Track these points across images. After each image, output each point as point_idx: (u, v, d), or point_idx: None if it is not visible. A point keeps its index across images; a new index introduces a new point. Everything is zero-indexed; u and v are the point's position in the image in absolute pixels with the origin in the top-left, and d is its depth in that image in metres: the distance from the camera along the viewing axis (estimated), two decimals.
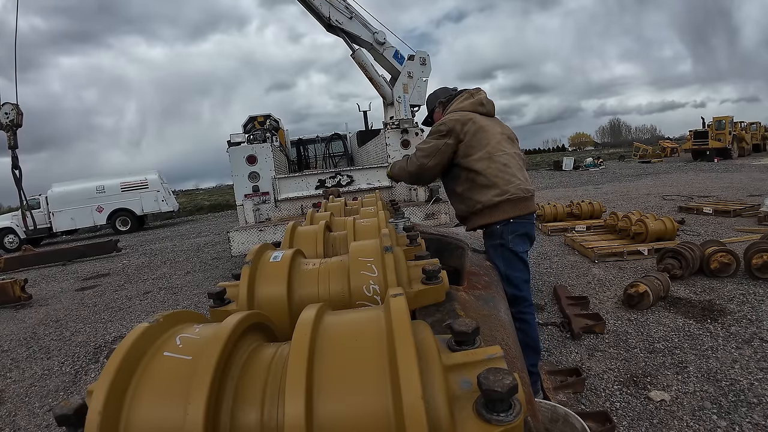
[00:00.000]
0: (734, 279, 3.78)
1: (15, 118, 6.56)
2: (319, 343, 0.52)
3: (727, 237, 5.27)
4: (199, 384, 0.47)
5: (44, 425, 2.67)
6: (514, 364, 1.03)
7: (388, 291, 0.62)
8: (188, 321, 0.65)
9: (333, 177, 5.37)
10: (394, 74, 6.87)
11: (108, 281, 7.04)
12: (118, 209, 15.77)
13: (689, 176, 14.36)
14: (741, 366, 2.42)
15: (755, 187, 9.91)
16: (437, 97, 2.59)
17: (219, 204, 24.80)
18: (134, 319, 4.72)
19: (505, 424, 0.43)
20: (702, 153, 21.69)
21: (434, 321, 0.91)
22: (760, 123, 24.78)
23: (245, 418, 0.50)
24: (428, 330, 0.54)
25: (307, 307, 0.60)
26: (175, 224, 18.11)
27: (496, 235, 2.18)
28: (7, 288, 5.83)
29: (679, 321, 3.09)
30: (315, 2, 6.16)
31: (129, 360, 0.51)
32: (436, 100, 2.59)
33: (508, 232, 2.16)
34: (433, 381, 0.46)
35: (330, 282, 0.97)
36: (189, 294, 5.51)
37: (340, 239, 1.44)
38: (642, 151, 32.03)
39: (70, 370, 3.48)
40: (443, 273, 0.99)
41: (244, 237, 4.78)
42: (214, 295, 0.94)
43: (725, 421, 1.99)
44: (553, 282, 4.29)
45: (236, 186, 5.21)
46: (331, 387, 0.47)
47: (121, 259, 9.33)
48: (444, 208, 5.01)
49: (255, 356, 0.57)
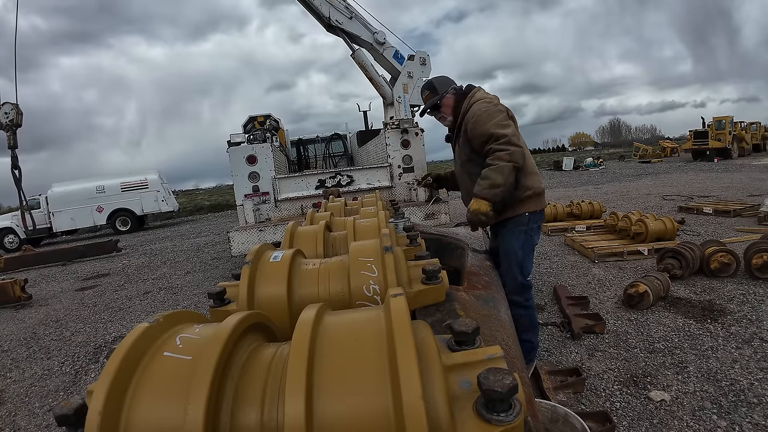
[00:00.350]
0: (734, 279, 3.78)
1: (15, 117, 6.56)
2: (319, 343, 0.52)
3: (727, 237, 5.27)
4: (199, 384, 0.47)
5: (44, 425, 2.67)
6: (514, 364, 1.03)
7: (388, 291, 0.62)
8: (188, 321, 0.66)
9: (333, 177, 5.37)
10: (394, 74, 6.87)
11: (108, 281, 7.03)
12: (118, 209, 15.76)
13: (689, 176, 14.36)
14: (741, 366, 2.42)
15: (755, 187, 9.91)
16: (449, 84, 2.41)
17: (219, 204, 24.80)
18: (134, 319, 4.72)
19: (505, 424, 0.43)
20: (702, 153, 21.68)
21: (434, 321, 0.92)
22: (760, 123, 24.78)
23: (245, 418, 0.50)
24: (428, 330, 0.54)
25: (307, 307, 0.60)
26: (175, 224, 18.11)
27: (522, 222, 2.24)
28: (7, 288, 5.83)
29: (679, 321, 3.09)
30: (315, 2, 6.17)
31: (129, 360, 0.51)
32: (448, 86, 2.40)
33: (534, 221, 2.27)
34: (433, 381, 0.46)
35: (330, 282, 0.97)
36: (189, 294, 5.51)
37: (340, 239, 1.44)
38: (642, 151, 32.02)
39: (70, 370, 3.48)
40: (443, 273, 0.99)
41: (244, 237, 4.78)
42: (214, 295, 0.94)
43: (725, 421, 1.99)
44: (553, 282, 4.29)
45: (236, 186, 5.21)
46: (331, 387, 0.47)
47: (121, 259, 9.32)
48: (444, 208, 5.01)
49: (255, 356, 0.57)
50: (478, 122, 2.14)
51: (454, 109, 2.37)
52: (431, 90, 2.42)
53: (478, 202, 2.07)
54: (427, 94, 2.43)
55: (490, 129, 2.09)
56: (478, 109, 2.18)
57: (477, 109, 2.19)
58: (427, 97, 2.44)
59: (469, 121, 2.21)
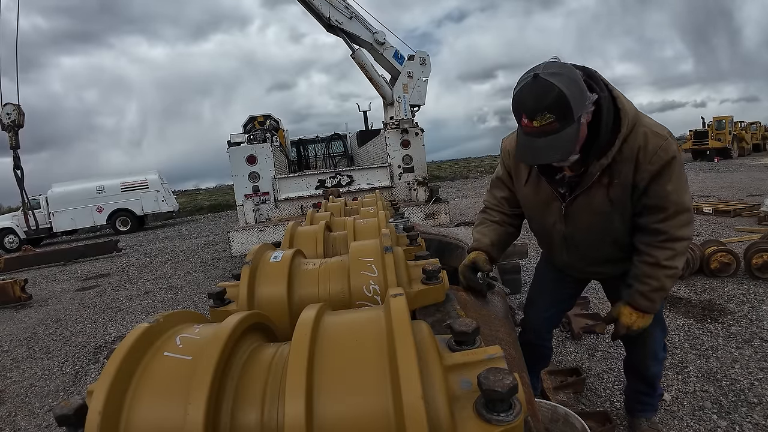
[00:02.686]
0: (734, 279, 3.78)
1: (16, 118, 6.57)
2: (319, 343, 0.52)
3: (727, 237, 5.26)
4: (199, 384, 0.47)
5: (44, 425, 2.67)
6: (513, 364, 1.03)
7: (388, 291, 0.62)
8: (188, 321, 0.66)
9: (333, 177, 5.37)
10: (394, 74, 6.87)
11: (108, 281, 7.03)
12: (118, 209, 15.76)
13: (689, 176, 14.24)
14: (741, 366, 2.42)
15: (755, 187, 9.90)
16: (582, 92, 1.20)
17: (219, 204, 24.79)
18: (134, 319, 4.72)
19: (506, 424, 0.43)
20: (702, 153, 21.67)
21: (434, 321, 0.91)
22: (760, 123, 24.77)
23: (245, 418, 0.50)
24: (428, 330, 0.54)
25: (308, 307, 0.60)
26: (175, 224, 18.10)
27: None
28: (7, 288, 5.83)
29: (679, 321, 3.09)
30: (315, 2, 6.17)
31: (129, 360, 0.51)
32: (585, 97, 1.21)
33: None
34: (433, 381, 0.46)
35: (330, 282, 0.97)
36: (189, 294, 5.51)
37: (340, 239, 1.44)
38: None
39: (71, 371, 3.48)
40: (443, 273, 0.99)
41: (244, 237, 4.78)
42: (214, 295, 0.94)
43: (725, 420, 1.99)
44: None
45: (236, 186, 5.22)
46: (331, 387, 0.47)
47: (121, 260, 9.32)
48: (444, 208, 5.01)
49: (255, 356, 0.57)
50: (679, 189, 1.33)
51: (589, 135, 1.29)
52: (562, 110, 1.16)
53: (644, 318, 1.43)
54: (551, 122, 1.17)
55: (688, 203, 1.36)
56: (672, 163, 1.30)
57: (668, 161, 1.30)
58: (549, 126, 1.18)
59: (652, 170, 1.30)
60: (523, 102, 1.20)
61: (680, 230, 1.35)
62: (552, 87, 1.14)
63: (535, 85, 1.17)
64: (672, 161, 1.30)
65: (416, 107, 6.97)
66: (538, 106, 1.17)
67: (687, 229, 1.37)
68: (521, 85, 1.21)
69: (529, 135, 1.23)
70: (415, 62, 6.86)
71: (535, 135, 1.21)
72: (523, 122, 1.22)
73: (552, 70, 1.18)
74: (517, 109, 1.23)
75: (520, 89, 1.21)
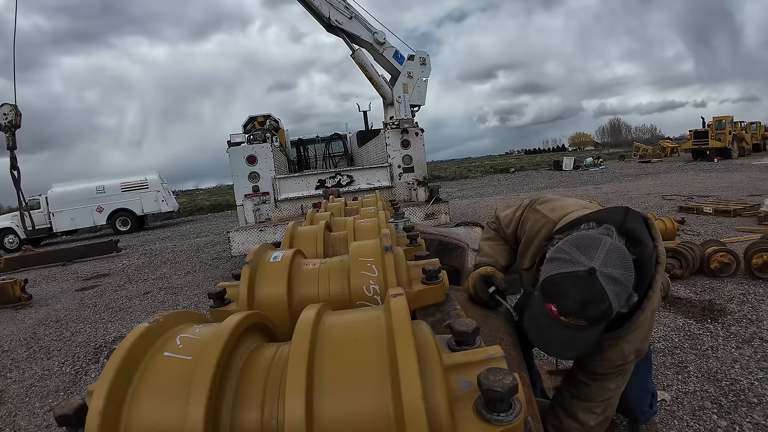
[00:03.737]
0: (734, 279, 3.78)
1: (13, 119, 6.56)
2: (319, 343, 0.52)
3: (727, 237, 5.26)
4: (199, 384, 0.47)
5: (44, 425, 2.67)
6: (513, 364, 1.03)
7: (388, 291, 0.62)
8: (188, 321, 0.66)
9: (333, 177, 5.37)
10: (394, 74, 6.88)
11: (108, 281, 7.03)
12: (118, 209, 15.76)
13: (689, 176, 14.35)
14: (741, 366, 2.42)
15: (755, 187, 9.90)
16: (628, 298, 1.07)
17: (219, 204, 24.79)
18: (134, 319, 4.72)
19: (506, 424, 0.43)
20: (702, 153, 21.67)
21: (434, 321, 0.91)
22: (760, 123, 24.78)
23: (245, 418, 0.50)
24: (428, 330, 0.54)
25: (308, 307, 0.60)
26: (175, 224, 18.10)
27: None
28: (7, 288, 5.83)
29: (679, 321, 3.09)
30: (315, 2, 6.18)
31: (129, 360, 0.51)
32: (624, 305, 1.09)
33: None
34: (433, 381, 0.46)
35: (330, 282, 0.97)
36: (189, 294, 5.50)
37: (340, 239, 1.44)
38: (642, 150, 31.99)
39: (71, 371, 3.48)
40: (443, 273, 0.99)
41: (244, 237, 4.78)
42: (214, 295, 0.94)
43: (725, 420, 1.99)
44: None
45: (236, 186, 5.22)
46: (331, 387, 0.47)
47: (121, 260, 9.32)
48: (444, 208, 5.01)
49: (255, 356, 0.57)
50: (640, 335, 1.22)
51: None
52: (598, 320, 1.05)
53: None
54: (582, 324, 1.05)
55: (631, 357, 1.26)
56: (648, 312, 1.19)
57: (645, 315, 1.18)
58: (577, 326, 1.05)
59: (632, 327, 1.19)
60: (563, 296, 1.02)
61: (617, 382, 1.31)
62: (604, 299, 0.98)
63: (586, 286, 0.98)
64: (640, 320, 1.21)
65: (416, 107, 6.98)
66: (578, 311, 1.01)
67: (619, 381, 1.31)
68: (568, 269, 1.01)
69: (550, 318, 1.07)
70: (415, 62, 6.86)
71: (557, 324, 1.06)
72: (552, 309, 1.05)
73: (613, 272, 0.99)
74: (551, 296, 1.04)
75: (567, 277, 1.01)
